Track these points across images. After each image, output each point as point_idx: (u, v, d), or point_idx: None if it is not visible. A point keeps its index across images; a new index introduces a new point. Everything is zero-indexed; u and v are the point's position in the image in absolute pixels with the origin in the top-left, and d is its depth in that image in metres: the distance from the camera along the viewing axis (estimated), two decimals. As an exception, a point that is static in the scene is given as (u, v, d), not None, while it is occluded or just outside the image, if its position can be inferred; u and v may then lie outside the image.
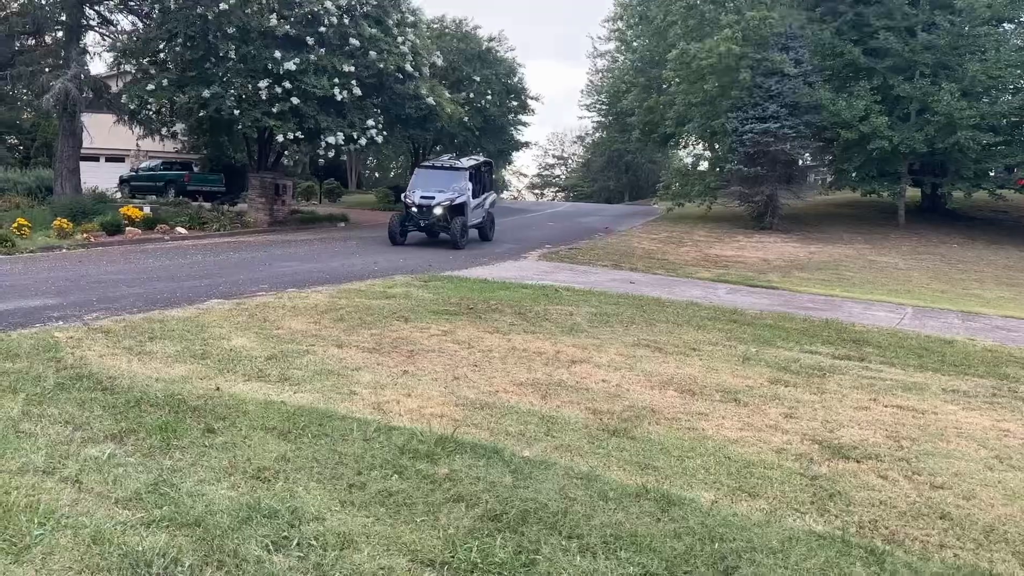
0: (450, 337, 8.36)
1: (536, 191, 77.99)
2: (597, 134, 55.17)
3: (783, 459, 5.26)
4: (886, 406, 6.79)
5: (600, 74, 43.28)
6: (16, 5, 23.66)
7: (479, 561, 3.53)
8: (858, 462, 5.28)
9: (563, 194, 73.53)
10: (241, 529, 3.66)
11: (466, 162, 20.24)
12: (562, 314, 10.18)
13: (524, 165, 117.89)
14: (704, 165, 35.32)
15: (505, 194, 69.95)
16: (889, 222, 28.04)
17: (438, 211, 18.10)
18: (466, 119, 31.95)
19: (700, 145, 38.56)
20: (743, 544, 3.91)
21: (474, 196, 19.37)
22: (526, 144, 43.72)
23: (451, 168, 19.76)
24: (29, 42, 24.30)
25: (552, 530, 3.91)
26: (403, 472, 4.50)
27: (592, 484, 4.55)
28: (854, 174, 28.59)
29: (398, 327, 8.70)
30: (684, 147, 41.75)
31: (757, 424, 6.02)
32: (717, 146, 33.24)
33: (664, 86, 32.33)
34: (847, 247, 23.59)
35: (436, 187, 18.55)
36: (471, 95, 34.49)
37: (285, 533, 3.66)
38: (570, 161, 78.37)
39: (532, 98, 39.90)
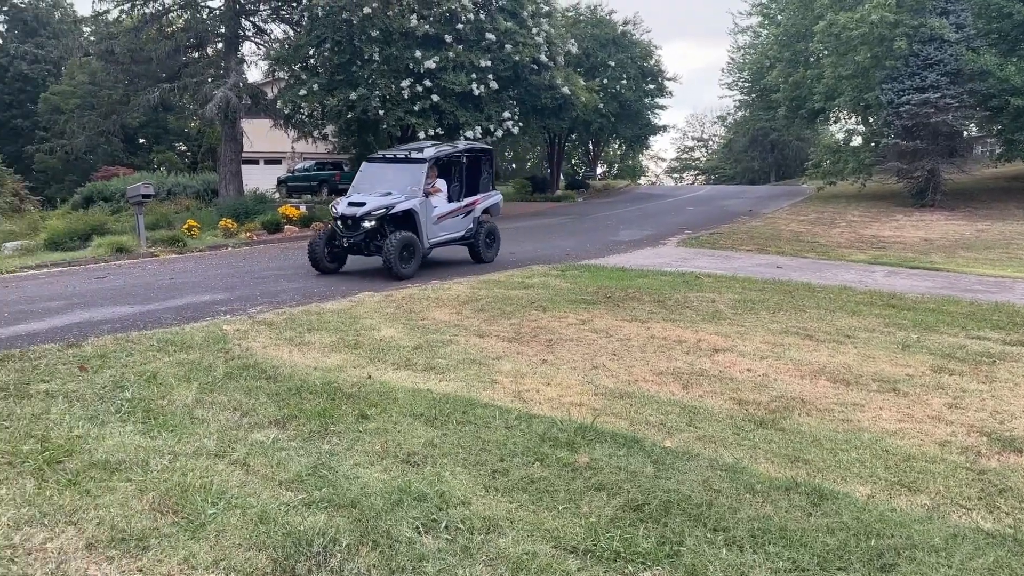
0: (588, 326, 8.37)
1: (675, 175, 76.47)
2: (739, 113, 53.34)
3: (947, 452, 4.93)
4: (1068, 397, 6.21)
5: (742, 51, 41.71)
6: (181, 21, 25.66)
7: (622, 550, 3.54)
8: (1034, 458, 4.87)
9: (703, 177, 71.68)
10: (393, 511, 3.84)
11: (430, 150, 13.20)
12: (703, 301, 9.95)
13: (662, 149, 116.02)
14: (857, 140, 33.36)
15: (643, 180, 69.04)
16: (1071, 195, 25.48)
17: (368, 224, 11.84)
18: (601, 105, 31.79)
19: (852, 119, 36.45)
20: (902, 541, 3.71)
21: (452, 198, 13.43)
22: (663, 128, 42.96)
23: (405, 160, 13.01)
24: (193, 55, 26.29)
25: (696, 522, 3.86)
26: (544, 460, 4.57)
27: (738, 476, 4.45)
28: (1026, 144, 26.16)
29: (536, 316, 8.80)
30: (834, 122, 39.61)
31: (918, 415, 5.67)
32: (871, 120, 31.32)
33: (811, 59, 30.79)
34: (1020, 223, 21.63)
35: (384, 188, 12.48)
36: (606, 81, 34.24)
37: (434, 516, 3.81)
38: (711, 143, 76.28)
39: (669, 79, 39.15)
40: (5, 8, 53.44)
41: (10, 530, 3.54)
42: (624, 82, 35.03)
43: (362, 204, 11.96)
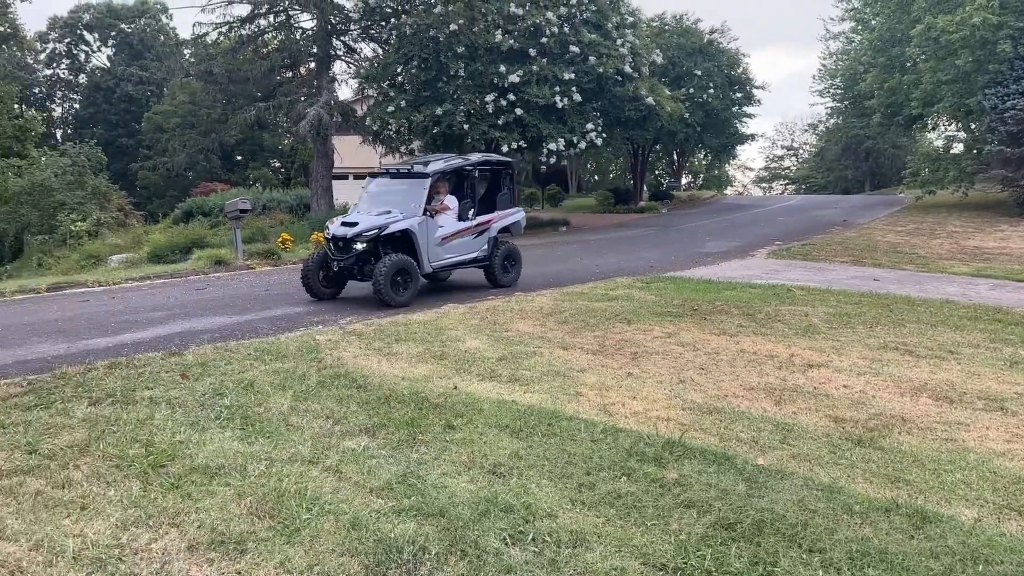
0: (674, 339, 8.24)
1: (763, 185, 74.70)
2: (831, 121, 51.79)
3: (1064, 478, 4.63)
4: None
5: (833, 57, 40.52)
6: (276, 42, 26.68)
7: (713, 569, 3.46)
8: None
9: (794, 187, 69.78)
10: (480, 521, 3.86)
11: (436, 164, 11.83)
12: (796, 315, 9.66)
13: (750, 159, 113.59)
14: (958, 148, 31.88)
15: (729, 190, 67.73)
16: None
17: (359, 245, 10.72)
18: (687, 115, 31.38)
19: (952, 126, 34.86)
20: (1013, 568, 3.50)
21: (461, 216, 11.90)
22: (751, 137, 42.04)
23: (408, 175, 11.76)
24: (287, 75, 27.28)
25: (791, 542, 3.73)
26: (631, 475, 4.51)
27: (835, 496, 4.29)
28: None
29: (621, 329, 8.72)
30: (933, 129, 37.96)
31: (1030, 437, 5.34)
32: (973, 126, 29.89)
33: (908, 64, 29.63)
34: None
35: (385, 206, 11.33)
36: (692, 90, 33.82)
37: (521, 528, 3.81)
38: (801, 151, 74.26)
39: (758, 88, 38.38)
40: (113, 33, 56.73)
41: (118, 530, 3.72)
42: (711, 91, 34.51)
43: (355, 224, 10.85)
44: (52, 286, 13.48)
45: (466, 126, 22.01)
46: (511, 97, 21.83)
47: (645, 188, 42.42)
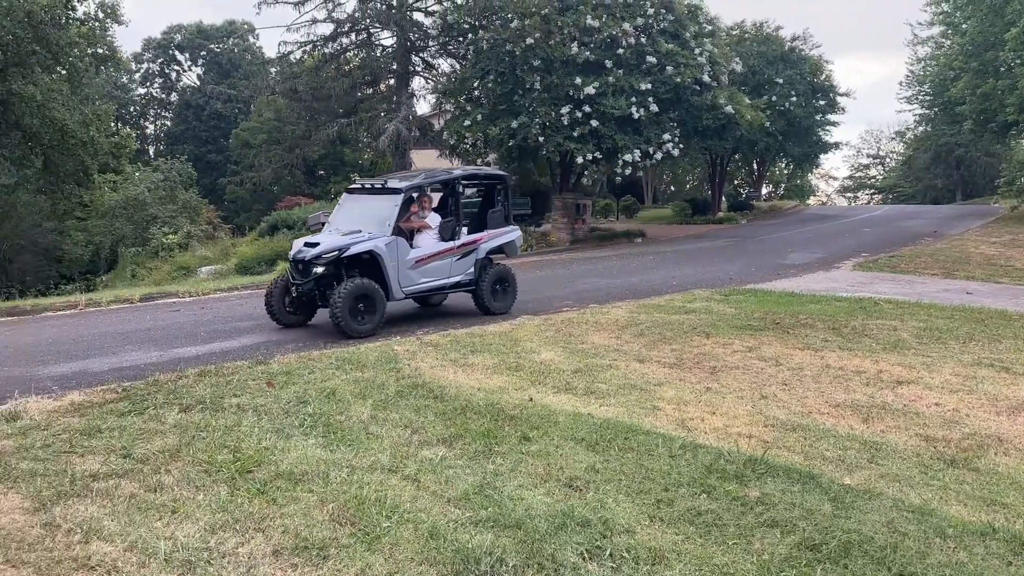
0: (755, 353, 8.06)
1: (848, 195, 72.44)
2: (920, 128, 49.85)
3: None
4: None
5: (922, 63, 39.01)
6: (357, 60, 27.39)
7: (797, 591, 3.36)
8: None
9: (880, 196, 67.43)
10: (557, 535, 3.84)
11: (412, 179, 10.91)
12: (884, 329, 9.31)
13: (833, 168, 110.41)
14: (1058, 155, 30.21)
15: (812, 200, 65.94)
16: None
17: (319, 269, 9.73)
18: (767, 124, 30.74)
19: (1051, 132, 33.09)
20: None
21: (445, 236, 10.70)
22: (835, 145, 40.87)
23: (380, 191, 10.67)
24: (368, 91, 27.94)
25: (879, 565, 3.59)
26: (712, 492, 4.42)
27: (926, 518, 4.11)
28: None
29: (699, 342, 8.58)
30: (1030, 135, 36.12)
31: None
32: (1075, 131, 28.31)
33: (1002, 69, 28.31)
34: None
35: (358, 224, 10.22)
36: (773, 98, 33.12)
37: (598, 543, 3.78)
38: (888, 160, 71.75)
39: (842, 95, 37.28)
40: (203, 53, 59.21)
41: (207, 534, 3.85)
42: (793, 99, 33.70)
43: (315, 245, 9.88)
44: (145, 296, 14.11)
45: (541, 138, 22.08)
46: (586, 109, 21.80)
47: (724, 198, 41.66)
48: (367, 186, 11.14)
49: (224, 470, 4.66)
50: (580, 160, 22.57)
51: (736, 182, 54.70)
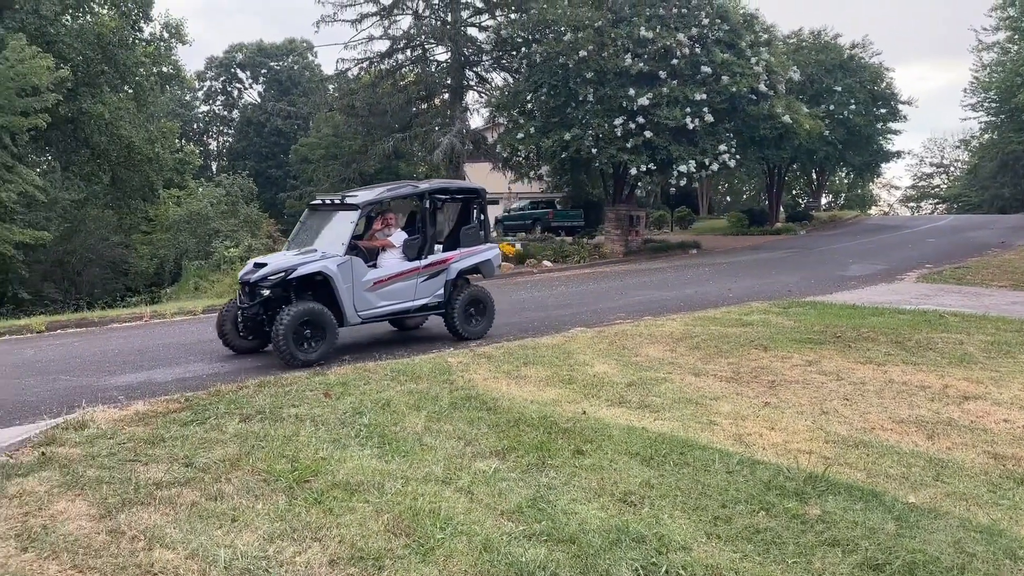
0: (815, 367, 7.87)
1: (911, 204, 70.47)
2: (985, 136, 48.28)
3: None
4: None
5: (987, 69, 37.81)
6: (412, 75, 27.79)
7: (860, 614, 3.25)
8: None
9: (944, 206, 65.42)
10: (612, 550, 3.80)
11: (368, 193, 10.07)
12: (949, 343, 9.01)
13: (895, 177, 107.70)
14: None
15: (873, 210, 64.36)
16: None
17: (265, 292, 9.01)
18: (826, 133, 30.17)
19: None
20: None
21: (410, 255, 9.98)
22: (897, 154, 39.78)
23: (339, 207, 9.89)
24: (422, 106, 28.33)
25: (948, 589, 3.47)
26: (771, 509, 4.32)
27: (995, 539, 3.95)
28: None
29: (757, 356, 8.42)
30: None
31: None
32: None
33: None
34: None
35: (315, 243, 9.64)
36: (832, 107, 32.50)
37: (653, 559, 3.73)
38: (952, 168, 69.60)
39: (903, 103, 36.35)
40: (264, 71, 60.78)
41: (265, 542, 3.92)
42: (852, 107, 33.01)
43: (263, 266, 9.20)
44: (207, 308, 14.48)
45: (594, 150, 22.04)
46: (640, 120, 21.70)
47: (781, 209, 40.94)
48: (327, 201, 10.21)
49: (282, 479, 4.74)
50: (634, 171, 22.45)
51: (794, 192, 53.72)
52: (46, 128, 24.19)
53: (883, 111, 35.80)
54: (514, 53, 24.97)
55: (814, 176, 46.17)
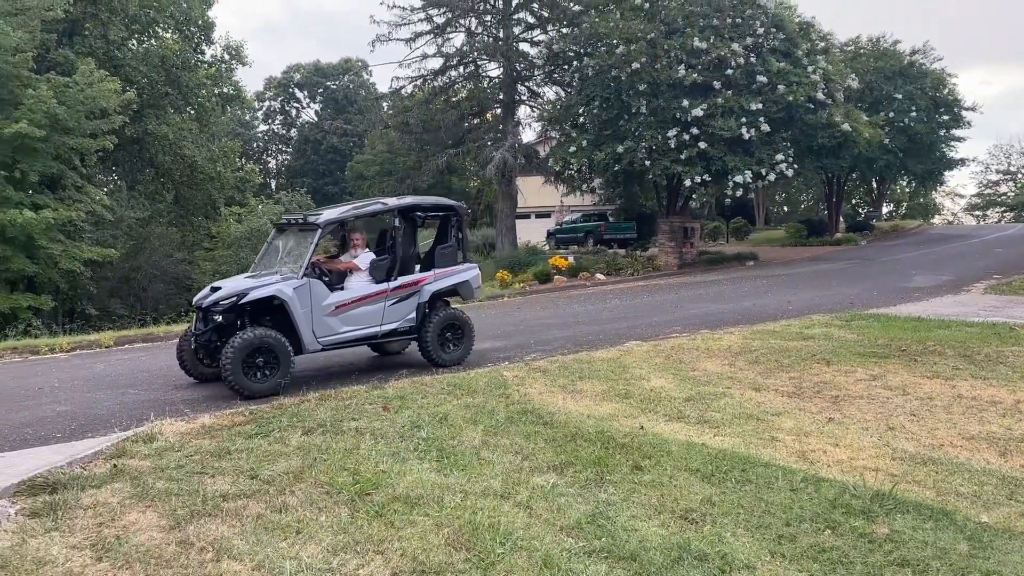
0: (880, 382, 7.68)
1: (976, 213, 68.28)
2: (1056, 141, 46.58)
3: None
4: None
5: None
6: (465, 92, 28.09)
7: (934, 638, 3.16)
8: None
9: (1011, 214, 63.21)
10: (673, 568, 3.77)
11: (332, 211, 9.40)
12: (1021, 356, 8.69)
13: (960, 185, 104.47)
14: None
15: (937, 219, 62.56)
16: None
17: (218, 317, 8.46)
18: (886, 141, 29.51)
19: None
20: None
21: (378, 277, 9.30)
22: (961, 162, 38.61)
23: (300, 226, 9.40)
24: (475, 121, 28.60)
25: (1027, 614, 3.34)
26: (836, 528, 4.23)
27: (1078, 564, 3.80)
28: None
29: (819, 370, 8.25)
30: None
31: None
32: None
33: None
34: None
35: (277, 264, 9.23)
36: (892, 114, 31.77)
37: (716, 578, 3.68)
38: (1019, 175, 67.26)
39: (967, 109, 35.31)
40: (320, 90, 62.13)
41: (329, 555, 3.98)
42: (913, 115, 32.21)
43: (218, 289, 8.71)
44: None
45: (647, 162, 21.92)
46: (694, 131, 21.51)
47: (841, 219, 40.07)
48: (291, 221, 9.69)
49: (344, 492, 4.81)
50: (688, 183, 22.24)
51: (854, 201, 52.59)
52: (113, 149, 25.11)
53: (945, 118, 34.84)
54: (566, 67, 25.03)
55: (874, 185, 45.13)
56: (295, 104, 64.86)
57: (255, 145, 64.34)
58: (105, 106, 23.56)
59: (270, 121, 65.48)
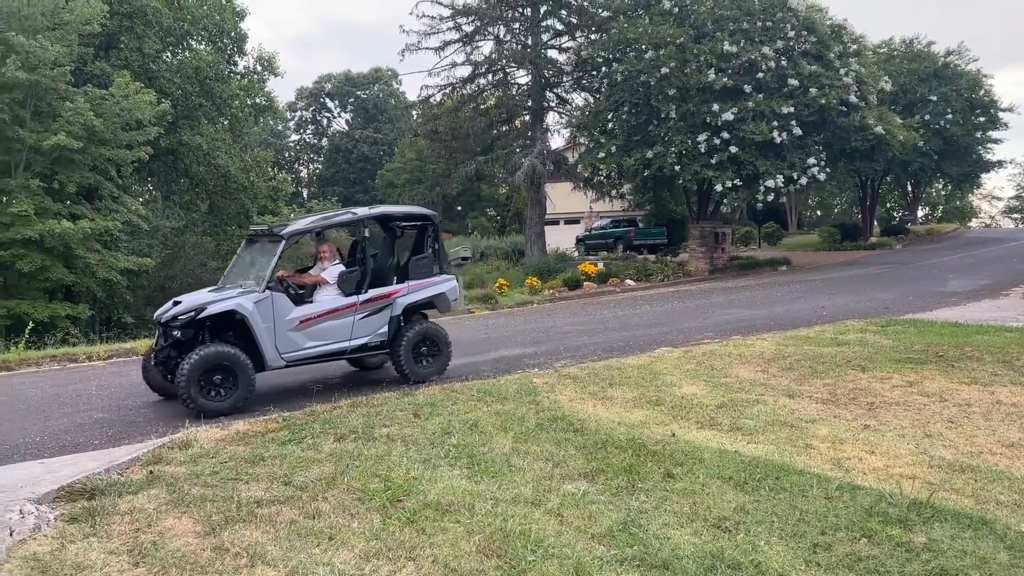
0: (916, 388, 7.55)
1: (1015, 216, 66.92)
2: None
3: None
4: None
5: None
6: (493, 99, 28.19)
7: (975, 650, 3.09)
8: None
9: (1052, 217, 61.87)
10: (706, 577, 3.73)
11: (301, 222, 9.24)
12: (1063, 362, 8.50)
13: (997, 187, 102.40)
14: None
15: (974, 222, 61.44)
16: None
17: (177, 332, 8.16)
18: (921, 143, 29.08)
19: None
20: None
21: (348, 289, 8.93)
22: (998, 164, 37.89)
23: (267, 236, 9.05)
24: (503, 128, 28.68)
25: (1072, 627, 3.26)
26: (873, 536, 4.16)
27: (1125, 576, 3.70)
28: None
29: (854, 377, 8.13)
30: None
31: None
32: None
33: None
34: None
35: (245, 277, 8.79)
36: (927, 116, 31.30)
37: (750, 587, 3.64)
38: (1060, 177, 65.77)
39: (1004, 110, 34.68)
40: (351, 100, 62.78)
41: (361, 561, 4.00)
42: (949, 117, 31.71)
43: (178, 304, 8.42)
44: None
45: (677, 167, 21.82)
46: (724, 135, 21.38)
47: (875, 223, 39.52)
48: (259, 232, 9.40)
49: (376, 498, 4.84)
50: (719, 188, 22.09)
51: (888, 205, 51.81)
52: (148, 160, 25.58)
53: (982, 119, 34.24)
54: (594, 73, 25.03)
55: (909, 188, 44.44)
56: (326, 114, 65.63)
57: (287, 154, 65.20)
58: (140, 118, 24.02)
59: (302, 131, 66.33)
